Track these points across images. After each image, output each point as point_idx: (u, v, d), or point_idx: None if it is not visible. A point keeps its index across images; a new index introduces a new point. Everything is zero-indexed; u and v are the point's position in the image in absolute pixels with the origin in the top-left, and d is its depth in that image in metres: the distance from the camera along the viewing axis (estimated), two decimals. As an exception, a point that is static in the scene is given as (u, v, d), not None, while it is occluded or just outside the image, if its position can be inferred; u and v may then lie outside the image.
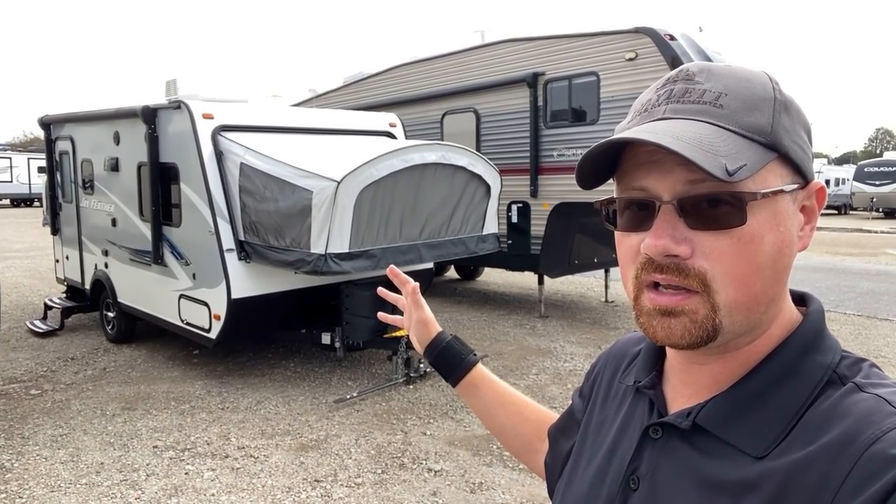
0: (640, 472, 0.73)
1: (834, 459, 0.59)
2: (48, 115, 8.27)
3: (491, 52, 8.54)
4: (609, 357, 0.95)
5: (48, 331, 7.69)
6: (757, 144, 0.64)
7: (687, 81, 0.69)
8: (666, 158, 0.65)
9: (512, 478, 4.09)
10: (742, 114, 0.65)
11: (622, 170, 0.70)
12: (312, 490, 3.93)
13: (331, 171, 5.00)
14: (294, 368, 6.35)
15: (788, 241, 0.67)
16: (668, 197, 0.65)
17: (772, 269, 0.66)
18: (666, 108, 0.68)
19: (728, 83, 0.67)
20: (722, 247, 0.64)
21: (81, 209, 7.79)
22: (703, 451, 0.68)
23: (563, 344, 7.16)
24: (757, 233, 0.64)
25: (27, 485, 4.05)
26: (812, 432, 0.62)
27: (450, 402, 5.40)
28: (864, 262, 13.94)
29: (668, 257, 0.65)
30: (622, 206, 0.70)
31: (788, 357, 0.68)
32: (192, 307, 6.03)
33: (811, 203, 0.70)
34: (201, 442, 4.64)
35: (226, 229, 5.63)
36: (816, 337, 0.70)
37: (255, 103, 6.71)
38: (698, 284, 0.64)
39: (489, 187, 6.14)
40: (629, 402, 0.82)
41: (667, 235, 0.65)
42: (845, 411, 0.62)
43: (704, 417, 0.69)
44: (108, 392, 5.73)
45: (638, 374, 0.82)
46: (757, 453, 0.64)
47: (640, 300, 0.69)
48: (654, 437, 0.73)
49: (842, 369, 0.67)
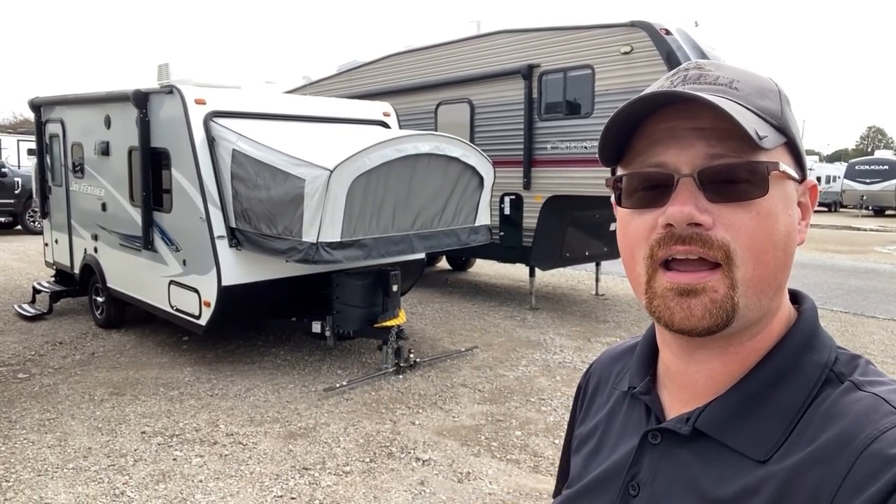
0: (639, 479, 0.73)
1: (832, 460, 0.59)
2: (38, 97, 8.19)
3: (486, 43, 8.51)
4: (595, 368, 0.94)
5: (36, 314, 7.65)
6: (771, 126, 0.66)
7: (699, 69, 0.70)
8: (686, 134, 0.65)
9: (499, 468, 4.11)
10: (755, 97, 0.67)
11: (634, 150, 0.69)
12: (301, 478, 3.94)
13: (324, 160, 4.98)
14: (284, 356, 6.35)
15: (794, 228, 0.68)
16: (688, 170, 0.65)
17: (783, 250, 0.66)
18: (683, 88, 0.68)
19: (737, 74, 0.69)
20: (743, 219, 0.64)
21: (71, 193, 7.73)
22: (704, 456, 0.68)
23: (553, 336, 7.19)
24: (773, 209, 0.65)
25: (13, 468, 4.04)
26: (811, 433, 0.62)
27: (439, 392, 5.42)
28: (853, 259, 14.05)
29: (691, 226, 0.64)
30: (635, 182, 0.69)
31: (786, 356, 0.68)
32: (182, 293, 6.01)
33: (805, 200, 0.71)
34: (190, 428, 4.64)
35: (217, 216, 5.60)
36: (812, 335, 0.70)
37: (248, 90, 6.66)
38: (722, 256, 0.64)
39: (482, 179, 6.14)
40: (625, 409, 0.81)
41: (690, 203, 0.64)
42: (843, 411, 0.62)
43: (705, 422, 0.68)
44: (96, 377, 5.71)
45: (632, 379, 0.81)
46: (759, 457, 0.64)
47: (654, 282, 0.67)
48: (653, 442, 0.73)
49: (838, 367, 0.67)
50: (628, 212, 0.70)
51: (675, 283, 0.66)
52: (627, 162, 0.70)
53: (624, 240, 0.72)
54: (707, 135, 0.64)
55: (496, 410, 5.06)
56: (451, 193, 5.92)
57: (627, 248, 0.71)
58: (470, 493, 3.82)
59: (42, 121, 8.17)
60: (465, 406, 5.14)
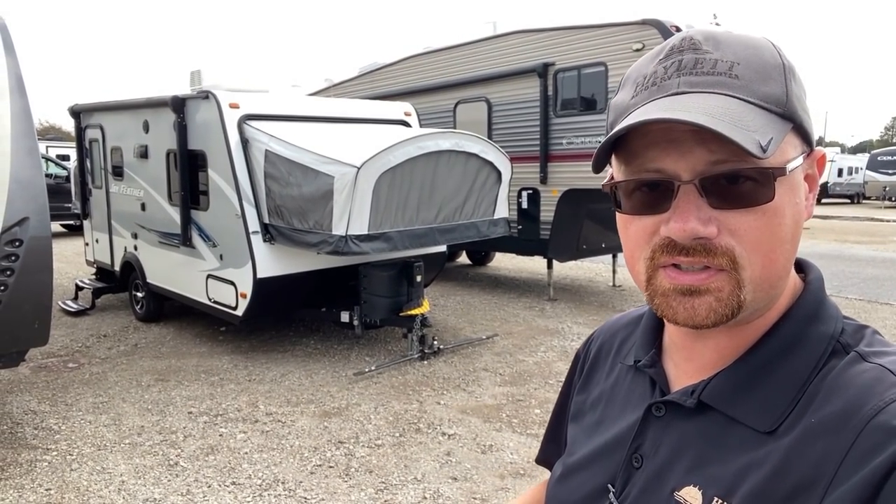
0: (643, 451, 0.72)
1: (837, 432, 0.58)
2: (78, 104, 8.64)
3: (502, 43, 8.80)
4: (597, 336, 0.94)
5: (80, 310, 8.10)
6: (775, 116, 0.62)
7: (694, 51, 0.65)
8: (684, 137, 0.62)
9: (520, 441, 4.42)
10: (758, 84, 0.63)
11: (630, 149, 0.66)
12: (337, 450, 4.28)
13: (351, 158, 5.32)
14: (314, 345, 6.71)
15: (801, 213, 0.66)
16: (689, 177, 0.62)
17: (790, 242, 0.64)
18: (679, 82, 0.64)
19: (737, 51, 0.64)
20: (748, 222, 0.62)
21: (111, 194, 8.17)
22: (710, 429, 0.67)
23: (571, 325, 7.47)
24: (780, 207, 0.62)
25: (75, 444, 4.43)
26: (816, 405, 0.62)
27: (462, 376, 5.73)
28: (872, 249, 14.08)
29: (696, 240, 0.62)
30: (632, 187, 0.66)
31: (792, 328, 0.67)
32: (219, 286, 6.39)
33: (813, 171, 0.69)
34: (232, 409, 5.01)
35: (251, 213, 5.97)
36: (818, 305, 0.69)
37: (276, 93, 7.03)
38: (727, 262, 0.62)
39: (500, 174, 6.44)
40: (629, 381, 0.81)
41: (693, 218, 0.62)
42: (848, 382, 0.61)
43: (710, 394, 0.68)
44: (141, 365, 6.11)
45: (637, 352, 0.81)
46: (764, 429, 0.63)
47: (655, 280, 0.66)
48: (657, 415, 0.72)
49: (845, 338, 0.66)
50: (627, 216, 0.68)
51: (678, 283, 0.64)
52: (626, 161, 0.67)
53: (625, 240, 0.70)
54: (706, 139, 0.60)
55: (516, 391, 5.36)
56: (471, 188, 6.22)
57: (630, 247, 0.69)
58: (493, 462, 4.12)
59: (82, 126, 8.62)
60: (487, 388, 5.45)
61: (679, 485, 0.67)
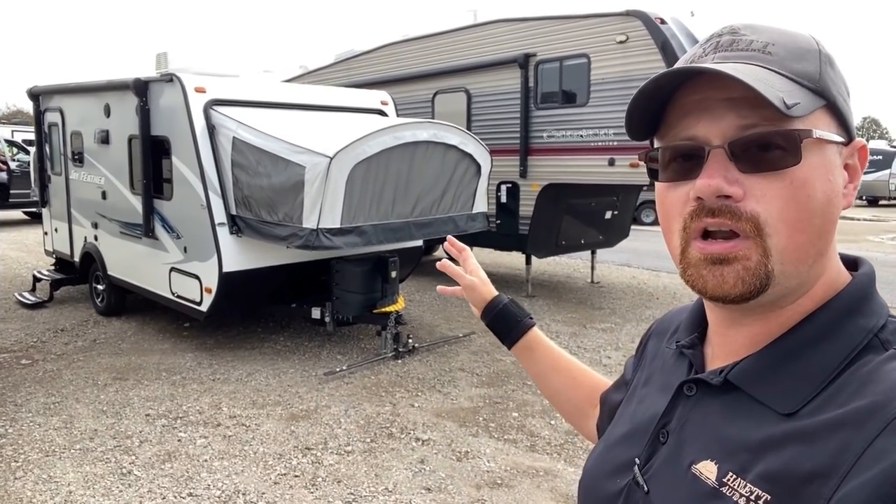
0: (669, 427, 0.75)
1: (860, 425, 0.58)
2: (37, 86, 8.21)
3: (483, 32, 8.57)
4: (659, 324, 0.98)
5: (37, 302, 7.71)
6: (806, 90, 0.65)
7: (732, 34, 0.69)
8: (717, 105, 0.65)
9: (497, 447, 4.22)
10: (790, 61, 0.66)
11: (666, 123, 0.70)
12: (303, 457, 4.04)
13: (323, 147, 5.05)
14: (284, 342, 6.44)
15: (836, 193, 0.66)
16: (719, 142, 0.65)
17: (821, 217, 0.65)
18: (714, 57, 0.68)
19: (773, 35, 0.68)
20: (774, 190, 0.64)
21: (71, 182, 7.78)
22: (732, 407, 0.69)
23: (549, 322, 7.29)
24: (808, 177, 0.64)
25: (22, 450, 4.13)
26: (843, 396, 0.62)
27: (437, 376, 5.52)
28: (845, 248, 13.81)
29: (720, 199, 0.65)
30: (668, 156, 0.70)
31: (828, 318, 0.67)
32: (183, 280, 6.08)
33: (854, 162, 0.70)
34: (193, 411, 4.73)
35: (217, 203, 5.67)
36: (861, 299, 0.69)
37: (247, 78, 6.71)
38: (751, 228, 0.64)
39: (479, 166, 6.22)
40: (672, 363, 0.84)
41: (719, 175, 0.64)
42: (880, 378, 0.61)
43: (736, 374, 0.70)
44: (98, 363, 5.79)
45: (680, 335, 0.84)
46: (785, 410, 0.64)
47: (688, 252, 0.68)
48: (688, 394, 0.75)
49: (885, 334, 0.66)
50: (664, 185, 0.71)
51: (707, 252, 0.66)
52: (662, 135, 0.71)
53: (662, 212, 0.73)
54: (738, 104, 0.63)
55: (493, 393, 5.17)
56: (449, 181, 5.99)
57: (665, 220, 0.72)
58: (469, 470, 3.92)
59: (41, 110, 8.20)
60: (464, 389, 5.24)
61: (697, 458, 0.69)
